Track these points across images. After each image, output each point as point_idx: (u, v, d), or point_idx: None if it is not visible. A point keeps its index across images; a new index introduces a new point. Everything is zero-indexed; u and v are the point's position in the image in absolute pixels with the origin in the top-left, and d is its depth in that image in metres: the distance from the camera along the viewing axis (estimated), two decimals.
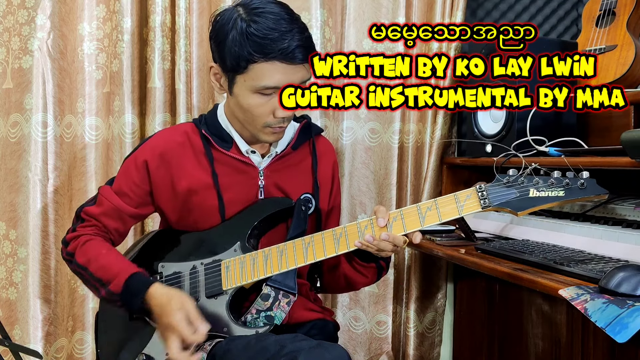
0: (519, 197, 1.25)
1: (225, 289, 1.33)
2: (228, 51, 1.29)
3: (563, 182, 1.23)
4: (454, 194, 1.28)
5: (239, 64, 1.28)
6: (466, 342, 2.11)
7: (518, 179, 1.26)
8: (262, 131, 1.36)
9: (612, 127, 1.66)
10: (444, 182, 2.09)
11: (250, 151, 1.41)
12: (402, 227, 1.29)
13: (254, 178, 1.42)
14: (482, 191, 1.26)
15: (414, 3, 2.11)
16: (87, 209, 1.43)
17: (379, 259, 1.40)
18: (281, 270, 1.31)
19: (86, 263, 1.37)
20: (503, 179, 1.27)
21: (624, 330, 1.00)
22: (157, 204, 1.45)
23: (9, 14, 1.97)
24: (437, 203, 1.28)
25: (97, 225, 1.43)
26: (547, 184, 1.24)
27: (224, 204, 1.39)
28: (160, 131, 1.53)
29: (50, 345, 2.00)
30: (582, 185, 1.22)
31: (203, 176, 1.40)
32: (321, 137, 1.54)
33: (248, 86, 1.30)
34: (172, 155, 1.41)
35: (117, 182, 1.44)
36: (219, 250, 1.37)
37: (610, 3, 1.90)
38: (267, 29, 1.26)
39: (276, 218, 1.41)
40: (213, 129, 1.42)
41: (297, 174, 1.46)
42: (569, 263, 1.30)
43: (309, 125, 1.49)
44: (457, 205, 1.27)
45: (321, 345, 1.18)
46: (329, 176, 1.51)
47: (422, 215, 1.28)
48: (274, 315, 1.32)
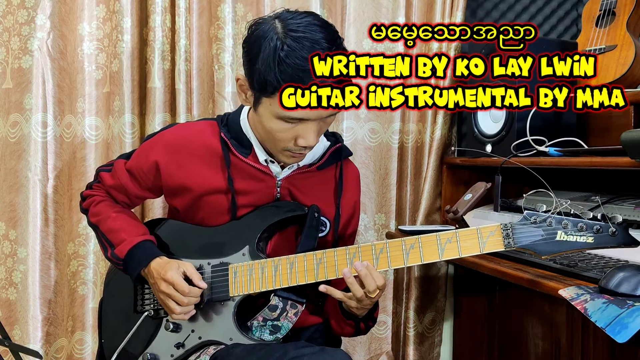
0: (545, 239, 1.18)
1: (232, 296, 1.31)
2: (257, 71, 1.20)
3: (594, 227, 1.16)
4: (477, 227, 1.22)
5: (267, 88, 1.19)
6: (466, 342, 2.11)
7: (547, 219, 1.19)
8: (282, 153, 1.31)
9: (612, 127, 1.66)
10: (444, 182, 2.09)
11: (270, 160, 1.36)
12: (419, 257, 1.23)
13: (270, 187, 1.37)
14: (507, 230, 1.20)
15: (414, 3, 2.11)
16: (103, 174, 1.47)
17: (360, 320, 1.36)
18: (290, 284, 1.29)
19: (97, 222, 1.43)
20: (530, 217, 1.20)
21: (624, 330, 1.00)
22: (166, 196, 1.44)
23: (9, 14, 1.97)
24: (459, 236, 1.22)
25: (107, 192, 1.48)
26: (577, 228, 1.17)
27: (236, 205, 1.36)
28: (178, 125, 1.47)
29: (50, 345, 2.00)
30: (613, 234, 1.15)
31: (217, 178, 1.36)
32: (350, 163, 1.49)
33: (272, 111, 1.22)
34: (185, 154, 1.37)
35: (132, 160, 1.43)
36: (227, 252, 1.34)
37: (610, 3, 1.90)
38: (300, 58, 1.16)
39: (287, 223, 1.38)
40: (233, 133, 1.37)
41: (319, 195, 1.41)
42: (569, 263, 1.30)
43: (341, 149, 1.43)
44: (479, 242, 1.21)
45: (324, 350, 1.18)
46: (351, 205, 1.46)
47: (442, 247, 1.22)
48: (280, 325, 1.31)
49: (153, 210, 2.00)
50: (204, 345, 1.32)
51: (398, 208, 2.14)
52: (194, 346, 1.32)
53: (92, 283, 2.04)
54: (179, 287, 1.27)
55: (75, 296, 2.04)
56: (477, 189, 1.84)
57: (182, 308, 1.28)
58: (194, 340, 1.33)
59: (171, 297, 1.28)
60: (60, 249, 2.01)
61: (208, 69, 2.05)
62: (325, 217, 1.40)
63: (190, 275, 1.29)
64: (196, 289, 1.28)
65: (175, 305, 1.28)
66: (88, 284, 2.04)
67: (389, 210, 2.13)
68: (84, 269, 2.03)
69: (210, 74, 2.04)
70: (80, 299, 2.04)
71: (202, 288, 1.29)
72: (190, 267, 1.30)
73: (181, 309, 1.28)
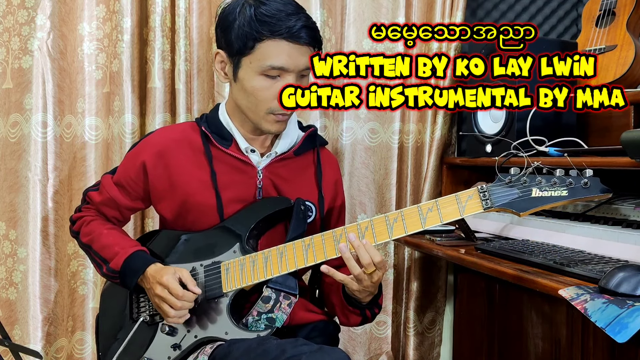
0: (522, 198, 1.22)
1: (225, 292, 1.33)
2: (235, 34, 1.31)
3: (566, 181, 1.20)
4: (456, 194, 1.25)
5: (246, 44, 1.30)
6: (466, 342, 2.11)
7: (520, 178, 1.23)
8: (265, 118, 1.36)
9: (612, 127, 1.66)
10: (444, 182, 2.09)
11: (250, 150, 1.41)
12: (403, 229, 1.26)
13: (252, 177, 1.41)
14: (484, 192, 1.23)
15: (414, 3, 2.11)
16: (90, 193, 1.50)
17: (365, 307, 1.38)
18: (281, 273, 1.30)
19: (89, 242, 1.44)
20: (505, 178, 1.24)
21: (624, 330, 1.00)
22: (154, 202, 1.46)
23: (9, 14, 1.97)
24: (439, 204, 1.25)
25: (97, 211, 1.49)
26: (550, 184, 1.21)
27: (222, 203, 1.39)
28: (160, 129, 1.54)
29: (50, 345, 2.00)
30: (585, 185, 1.19)
31: (201, 175, 1.39)
32: (326, 150, 1.54)
33: (254, 67, 1.31)
34: (170, 154, 1.41)
35: (118, 173, 1.47)
36: (218, 251, 1.36)
37: (610, 3, 1.90)
38: (275, 9, 1.30)
39: (275, 218, 1.40)
40: (213, 127, 1.42)
41: (299, 180, 1.45)
42: (569, 263, 1.30)
43: (314, 134, 1.49)
44: (458, 206, 1.24)
45: (322, 349, 1.18)
46: (332, 185, 1.50)
47: (424, 217, 1.26)
48: (275, 317, 1.31)
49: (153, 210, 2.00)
50: (200, 344, 1.33)
51: (398, 208, 2.13)
52: (191, 345, 1.33)
53: (92, 283, 2.04)
54: (173, 290, 1.28)
55: (75, 296, 2.04)
56: None
57: (176, 312, 1.29)
58: (190, 340, 1.33)
59: (165, 300, 1.29)
60: (60, 249, 2.01)
61: (208, 69, 2.05)
62: (310, 202, 1.44)
63: (186, 281, 1.31)
64: (190, 294, 1.29)
65: (169, 309, 1.29)
66: (88, 284, 2.04)
67: (388, 210, 2.13)
68: (84, 269, 2.03)
69: (210, 74, 2.04)
70: (80, 299, 2.04)
71: (196, 294, 1.30)
72: (185, 273, 1.32)
73: (175, 313, 1.29)
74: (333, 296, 1.43)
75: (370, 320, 1.43)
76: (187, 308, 1.30)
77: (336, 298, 1.41)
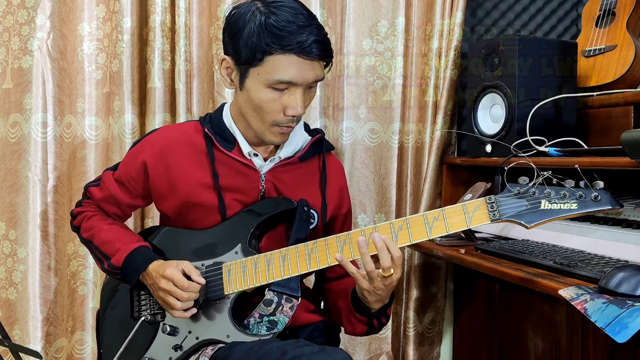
0: (530, 210, 1.18)
1: (227, 294, 1.32)
2: (244, 42, 1.26)
3: (576, 194, 1.17)
4: (462, 204, 1.22)
5: (255, 55, 1.25)
6: (466, 342, 2.11)
7: (529, 189, 1.19)
8: (269, 130, 1.33)
9: (612, 127, 1.66)
10: (444, 182, 2.08)
11: (253, 154, 1.38)
12: (408, 237, 1.24)
13: (254, 181, 1.39)
14: (491, 202, 1.20)
15: (414, 3, 2.11)
16: (91, 189, 1.49)
17: (373, 315, 1.35)
18: (283, 277, 1.29)
19: (90, 237, 1.44)
20: (514, 189, 1.20)
21: (623, 330, 1.00)
22: (155, 201, 1.45)
23: (9, 14, 1.97)
24: (445, 213, 1.22)
25: (98, 206, 1.49)
26: (560, 196, 1.17)
27: (224, 204, 1.38)
28: (162, 128, 1.52)
29: (50, 345, 2.00)
30: (595, 198, 1.16)
31: (203, 175, 1.38)
32: (332, 156, 1.51)
33: (262, 79, 1.27)
34: (172, 153, 1.40)
35: (119, 171, 1.46)
36: (220, 251, 1.35)
37: (610, 3, 1.90)
38: (285, 21, 1.24)
39: (277, 219, 1.39)
40: (217, 128, 1.40)
41: (303, 187, 1.43)
42: (569, 263, 1.30)
43: (321, 140, 1.46)
44: (465, 217, 1.21)
45: (324, 350, 1.18)
46: (337, 193, 1.48)
47: (429, 225, 1.23)
48: (277, 320, 1.31)
49: (153, 210, 2.00)
50: (202, 345, 1.32)
51: (398, 208, 2.13)
52: (192, 347, 1.33)
53: (92, 283, 2.04)
54: (179, 282, 1.27)
55: (75, 296, 2.04)
56: (477, 189, 1.83)
57: (183, 304, 1.28)
58: (191, 341, 1.33)
59: (171, 293, 1.28)
60: (60, 249, 2.01)
61: (208, 69, 2.05)
62: (313, 209, 1.42)
63: (189, 272, 1.30)
64: (195, 285, 1.28)
65: (175, 301, 1.28)
66: (88, 284, 2.04)
67: (389, 210, 2.13)
68: (84, 269, 2.03)
69: (210, 74, 2.04)
70: (80, 299, 2.04)
71: (200, 284, 1.29)
72: (188, 265, 1.31)
73: (182, 305, 1.28)
74: (340, 300, 1.42)
75: (377, 331, 1.40)
76: (192, 300, 1.29)
77: (343, 302, 1.40)
